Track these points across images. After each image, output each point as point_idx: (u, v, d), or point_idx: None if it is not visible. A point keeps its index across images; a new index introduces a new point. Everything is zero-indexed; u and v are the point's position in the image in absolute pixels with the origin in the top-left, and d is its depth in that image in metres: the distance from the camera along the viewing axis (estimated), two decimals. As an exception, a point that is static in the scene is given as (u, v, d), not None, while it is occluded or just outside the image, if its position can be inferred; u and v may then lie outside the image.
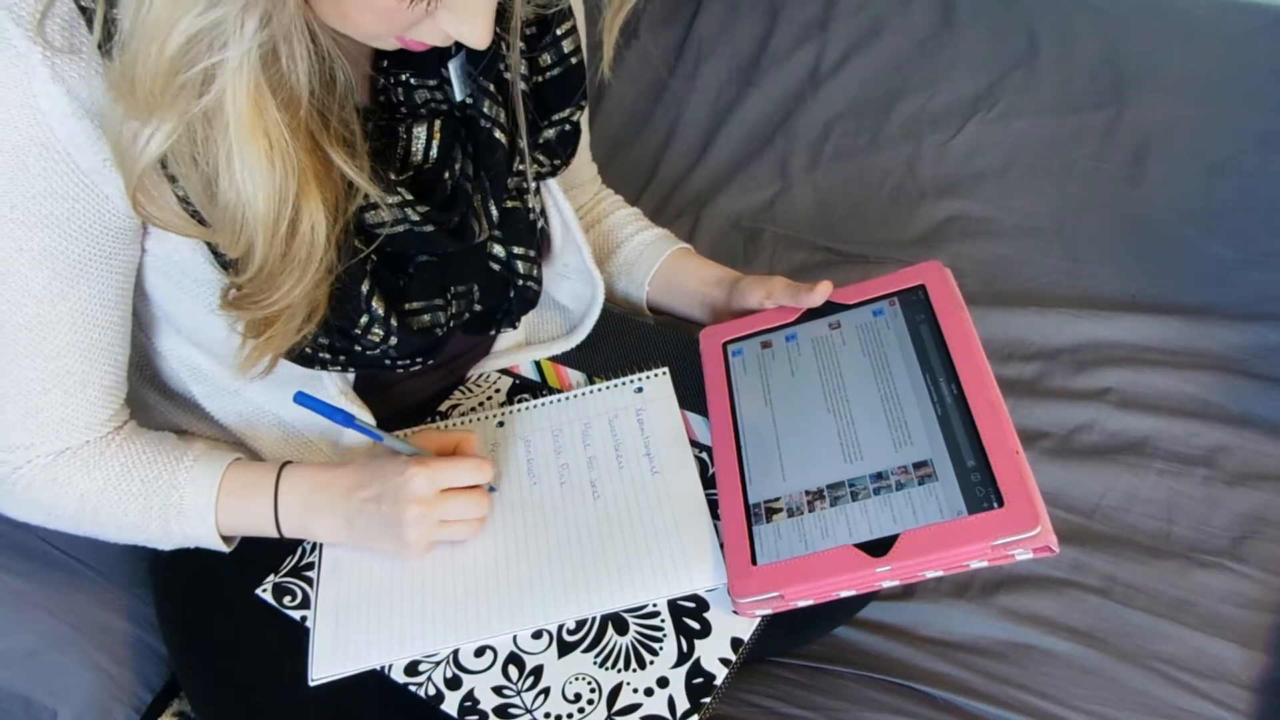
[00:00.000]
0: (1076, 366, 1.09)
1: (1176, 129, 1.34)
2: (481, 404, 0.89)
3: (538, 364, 0.93)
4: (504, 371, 0.92)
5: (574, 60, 0.76)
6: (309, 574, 0.77)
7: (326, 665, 0.71)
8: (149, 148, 0.56)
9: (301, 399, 0.72)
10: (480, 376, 0.91)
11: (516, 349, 0.94)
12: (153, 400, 0.83)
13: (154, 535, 0.75)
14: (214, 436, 0.83)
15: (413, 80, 0.68)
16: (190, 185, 0.59)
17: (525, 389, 0.90)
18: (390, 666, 0.71)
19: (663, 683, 0.68)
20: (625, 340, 0.94)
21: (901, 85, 1.48)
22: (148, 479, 0.73)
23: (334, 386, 0.77)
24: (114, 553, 0.94)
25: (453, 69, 0.70)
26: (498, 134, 0.72)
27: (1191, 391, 1.05)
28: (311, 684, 0.71)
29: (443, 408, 0.89)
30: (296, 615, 0.74)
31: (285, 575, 0.77)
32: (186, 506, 0.73)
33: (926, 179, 1.38)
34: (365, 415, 0.76)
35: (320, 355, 0.71)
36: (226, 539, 0.76)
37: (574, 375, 0.91)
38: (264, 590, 0.76)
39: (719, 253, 1.33)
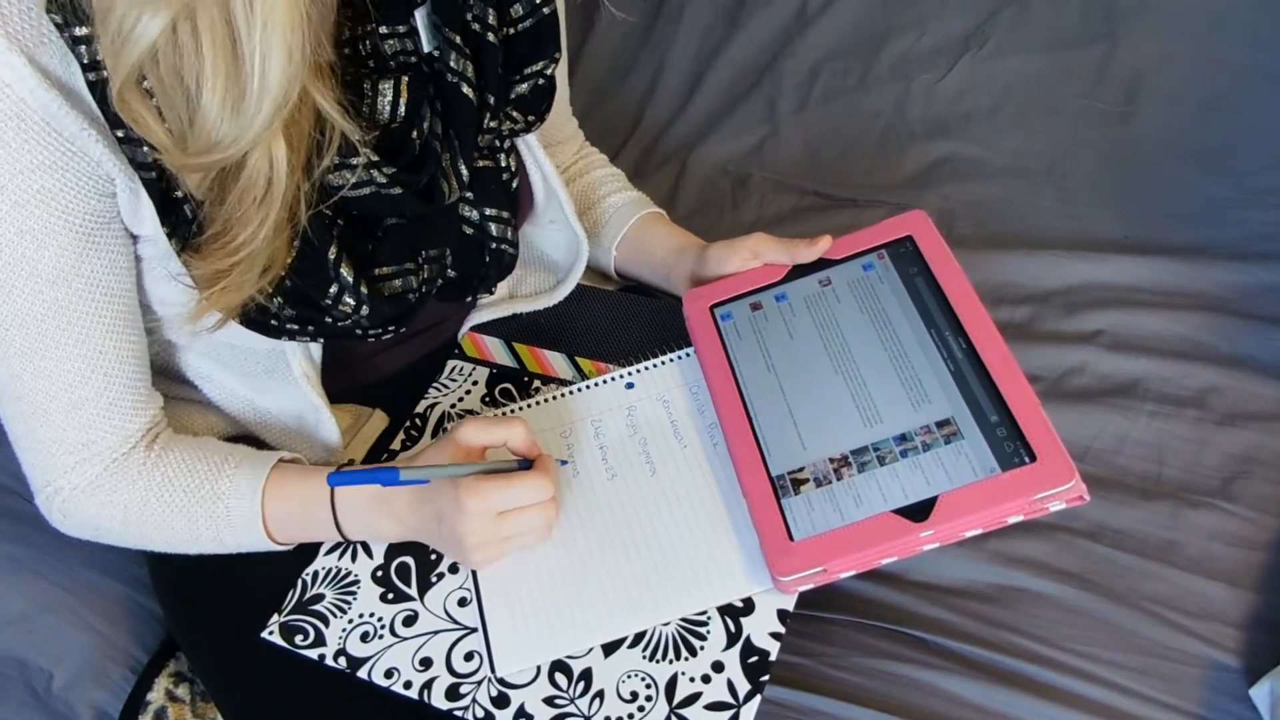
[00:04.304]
0: (1068, 309, 1.08)
1: (1170, 65, 1.32)
2: (461, 399, 0.87)
3: (514, 350, 0.90)
4: (479, 361, 0.89)
5: (546, 11, 0.73)
6: (316, 608, 0.74)
7: (510, 660, 0.69)
8: (147, 32, 0.53)
9: (335, 479, 0.69)
10: (455, 370, 0.89)
11: (500, 303, 0.92)
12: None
13: (207, 546, 0.74)
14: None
15: (382, 29, 0.66)
16: (175, 103, 0.56)
17: (504, 378, 0.88)
18: (429, 693, 0.68)
19: (718, 667, 0.67)
20: (604, 312, 0.92)
21: (890, 24, 1.45)
22: (190, 489, 0.72)
23: (298, 367, 0.75)
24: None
25: (419, 18, 0.68)
26: (465, 89, 0.69)
27: (1183, 332, 1.04)
28: (495, 677, 0.69)
29: (420, 408, 0.86)
30: (313, 655, 0.71)
31: (291, 614, 0.74)
32: (233, 517, 0.72)
33: (916, 120, 1.36)
34: (409, 472, 0.72)
35: (288, 326, 0.70)
36: (284, 543, 0.75)
37: (554, 358, 0.89)
38: (270, 633, 0.73)
39: (706, 199, 1.32)
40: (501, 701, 0.67)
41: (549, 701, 0.67)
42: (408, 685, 0.69)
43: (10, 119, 0.56)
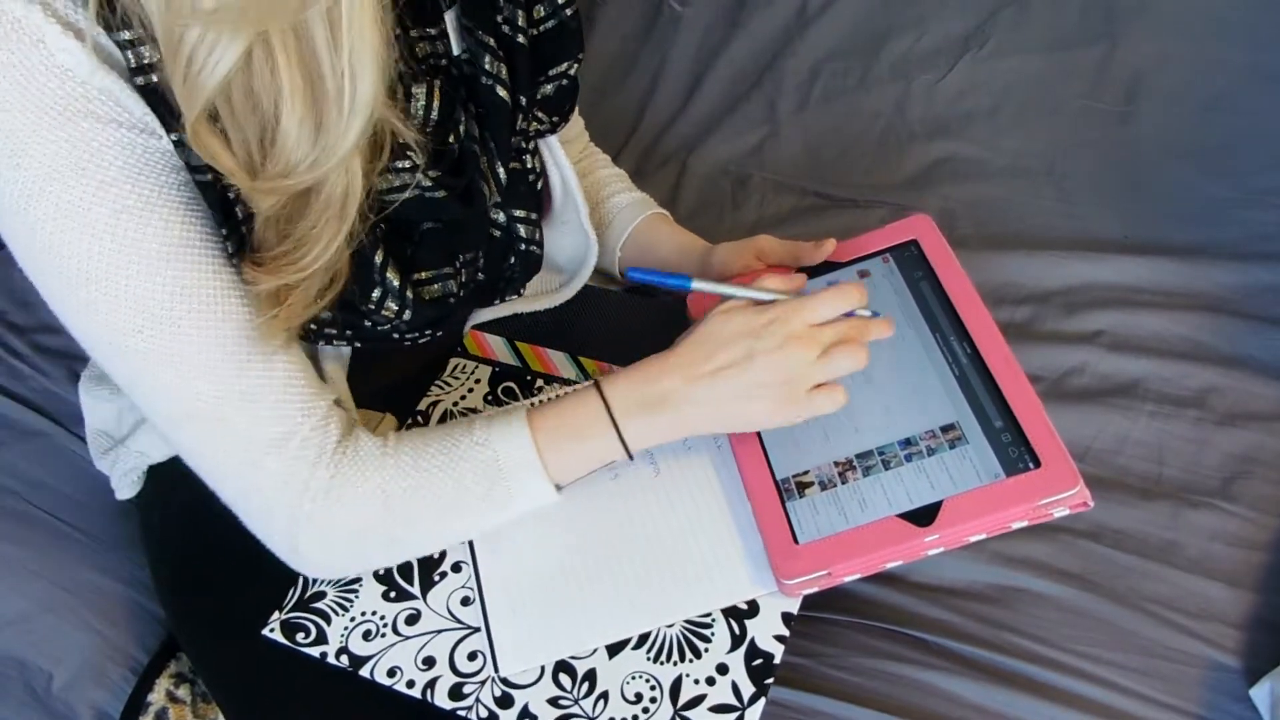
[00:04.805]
0: (1068, 309, 1.08)
1: (1170, 65, 1.31)
2: (464, 396, 0.86)
3: (516, 348, 0.90)
4: (481, 359, 0.89)
5: (568, 12, 0.73)
6: (318, 605, 0.73)
7: (513, 660, 0.69)
8: (226, 57, 0.51)
9: (634, 273, 0.69)
10: (458, 368, 0.89)
11: (503, 303, 0.92)
12: None
13: (478, 515, 0.69)
14: None
15: (413, 32, 0.65)
16: (246, 129, 0.55)
17: (507, 376, 0.88)
18: (432, 692, 0.68)
19: (722, 669, 0.67)
20: (608, 313, 0.92)
21: (890, 24, 1.45)
22: (446, 449, 0.68)
23: (329, 368, 0.74)
24: (103, 515, 0.94)
25: (449, 21, 0.67)
26: (500, 91, 0.69)
27: (1183, 332, 1.04)
28: (499, 677, 0.68)
29: (422, 405, 0.86)
30: (315, 652, 0.71)
31: (292, 610, 0.73)
32: (503, 460, 0.67)
33: (916, 120, 1.35)
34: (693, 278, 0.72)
35: (326, 330, 0.68)
36: (560, 479, 0.71)
37: (556, 357, 0.89)
38: (271, 630, 0.72)
39: (707, 199, 1.32)
40: (505, 702, 0.67)
41: (553, 702, 0.67)
42: (410, 684, 0.69)
43: (77, 100, 0.54)
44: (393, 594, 0.73)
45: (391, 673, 0.69)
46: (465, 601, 0.72)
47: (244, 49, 0.51)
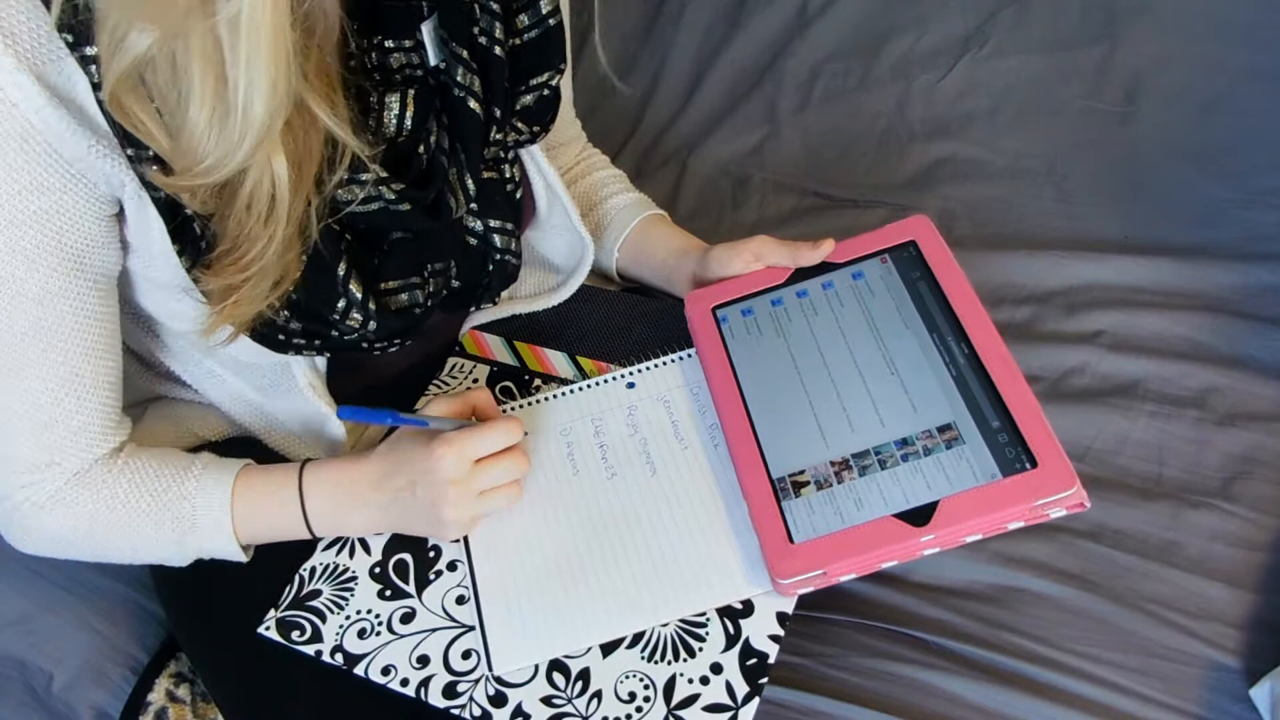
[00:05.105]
0: (1068, 309, 1.08)
1: (1171, 65, 1.32)
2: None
3: (514, 348, 0.90)
4: (480, 359, 0.89)
5: (552, 21, 0.73)
6: (313, 603, 0.74)
7: (508, 659, 0.69)
8: (136, 45, 0.53)
9: (345, 414, 0.70)
10: (456, 367, 0.89)
11: (500, 303, 0.92)
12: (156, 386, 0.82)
13: (169, 553, 0.73)
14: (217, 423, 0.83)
15: (388, 43, 0.65)
16: (170, 111, 0.56)
17: (505, 375, 0.88)
18: (426, 690, 0.68)
19: (716, 669, 0.67)
20: (605, 312, 0.92)
21: (890, 24, 1.45)
22: (157, 492, 0.71)
23: (303, 378, 0.75)
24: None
25: (425, 32, 0.67)
26: (472, 103, 0.69)
27: (1183, 333, 1.04)
28: (493, 675, 0.69)
29: (420, 405, 0.86)
30: (310, 651, 0.71)
31: (288, 609, 0.74)
32: (199, 517, 0.71)
33: (917, 120, 1.36)
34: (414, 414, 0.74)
35: (294, 341, 0.69)
36: (245, 548, 0.74)
37: (554, 356, 0.89)
38: (266, 628, 0.73)
39: (707, 199, 1.32)
40: (499, 700, 0.67)
41: (546, 701, 0.67)
42: (405, 683, 0.69)
43: (14, 139, 0.56)
44: (388, 592, 0.73)
45: (386, 671, 0.69)
46: (460, 600, 0.73)
47: (154, 40, 0.53)
